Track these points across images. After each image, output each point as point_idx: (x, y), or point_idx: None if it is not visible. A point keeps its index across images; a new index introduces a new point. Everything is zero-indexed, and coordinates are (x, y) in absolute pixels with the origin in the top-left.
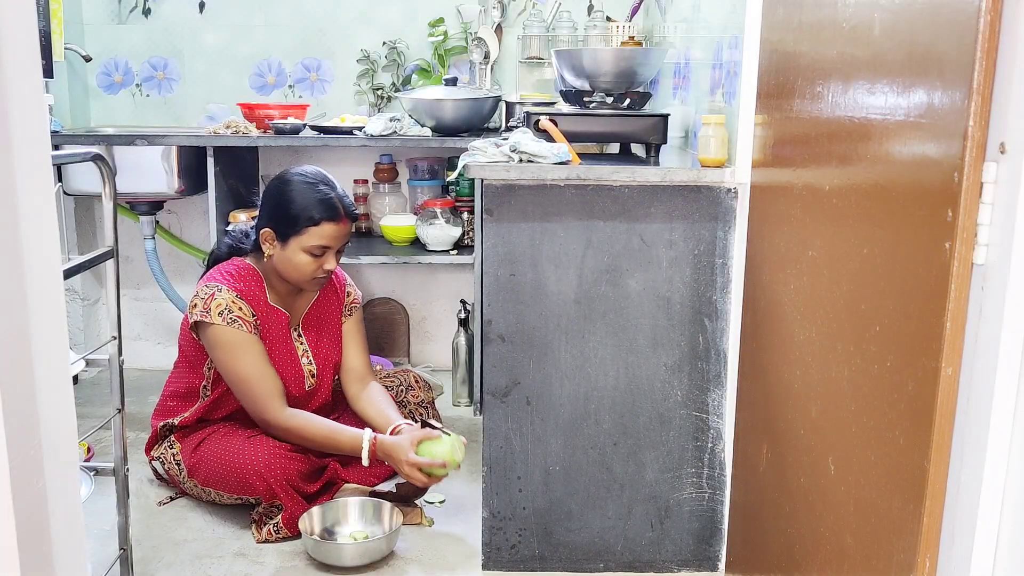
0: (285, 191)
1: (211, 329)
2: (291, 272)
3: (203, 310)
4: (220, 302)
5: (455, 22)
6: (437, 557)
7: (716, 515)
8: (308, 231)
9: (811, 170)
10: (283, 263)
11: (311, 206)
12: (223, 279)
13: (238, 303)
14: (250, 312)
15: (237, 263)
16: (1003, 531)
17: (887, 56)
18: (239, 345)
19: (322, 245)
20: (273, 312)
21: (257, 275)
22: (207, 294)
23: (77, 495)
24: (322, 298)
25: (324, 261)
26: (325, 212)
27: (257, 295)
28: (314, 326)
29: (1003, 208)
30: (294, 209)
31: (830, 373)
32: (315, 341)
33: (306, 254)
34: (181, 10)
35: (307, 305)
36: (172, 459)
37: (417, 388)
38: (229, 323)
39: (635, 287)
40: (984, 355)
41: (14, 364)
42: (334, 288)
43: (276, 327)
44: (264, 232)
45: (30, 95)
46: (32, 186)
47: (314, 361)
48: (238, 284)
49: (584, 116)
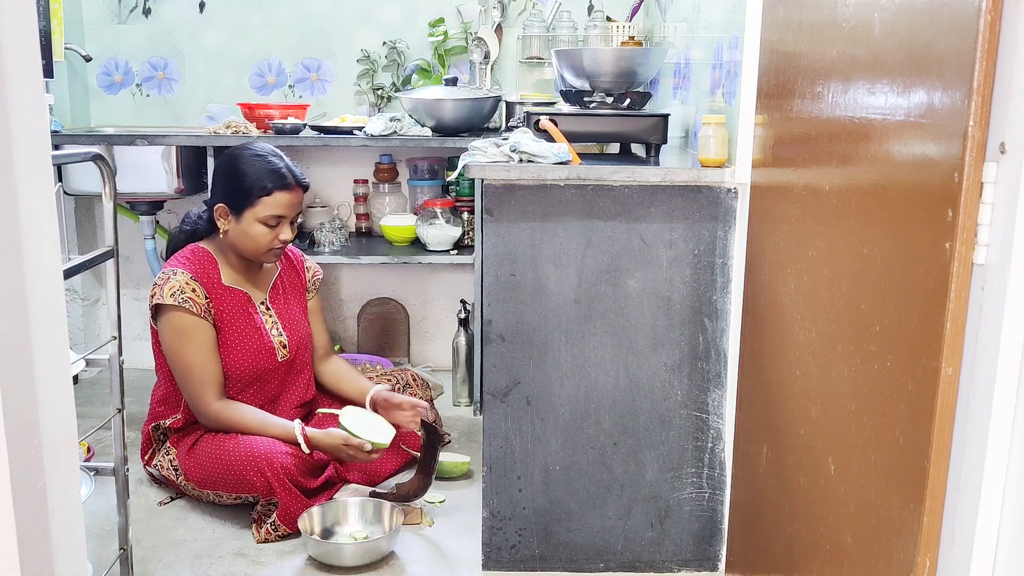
0: (236, 165)
1: (165, 314)
2: (248, 245)
3: (158, 293)
4: (174, 284)
5: (455, 22)
6: (437, 557)
7: (716, 515)
8: (261, 201)
9: (811, 170)
10: (239, 236)
11: (262, 177)
12: (178, 263)
13: (191, 284)
14: (203, 294)
15: (192, 247)
16: (1003, 531)
17: (887, 56)
18: (186, 332)
19: (276, 215)
20: (229, 292)
21: (211, 257)
22: (163, 279)
23: (77, 495)
24: (284, 274)
25: (279, 231)
26: (276, 181)
27: (211, 276)
28: (281, 297)
29: (1003, 208)
30: (246, 181)
31: (830, 373)
32: (283, 312)
33: (261, 224)
34: (181, 10)
35: (270, 279)
36: (169, 465)
37: (415, 386)
38: (180, 303)
39: (635, 287)
40: (984, 355)
41: (14, 364)
42: (293, 266)
43: (234, 306)
44: (218, 208)
45: (30, 95)
46: (32, 186)
47: (284, 332)
48: (192, 266)
49: (584, 116)
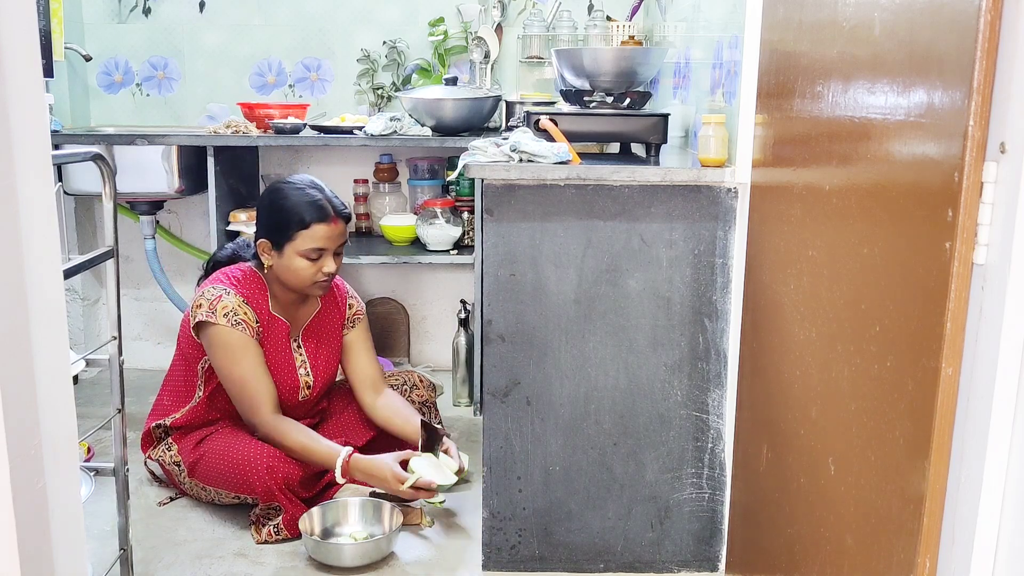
0: (275, 200)
1: (213, 329)
2: (292, 279)
3: (208, 311)
4: (227, 304)
5: (455, 22)
6: (437, 557)
7: (716, 515)
8: (300, 235)
9: (811, 170)
10: (283, 271)
11: (300, 210)
12: (230, 283)
13: (244, 308)
14: (254, 318)
15: (244, 268)
16: (1003, 531)
17: (887, 56)
18: (239, 347)
19: (316, 248)
20: (274, 321)
21: (261, 282)
22: (214, 295)
23: (77, 495)
24: (324, 310)
25: (322, 264)
26: (314, 214)
27: (260, 302)
28: (314, 337)
29: (1003, 208)
30: (284, 216)
31: (830, 373)
32: (314, 353)
33: (302, 259)
34: (181, 9)
35: (309, 316)
36: (171, 460)
37: (421, 387)
38: (233, 325)
39: (635, 287)
40: (984, 355)
41: (14, 364)
42: (335, 300)
43: (276, 336)
44: (260, 244)
45: (30, 95)
46: (32, 186)
47: (311, 372)
48: (244, 289)
49: (584, 116)
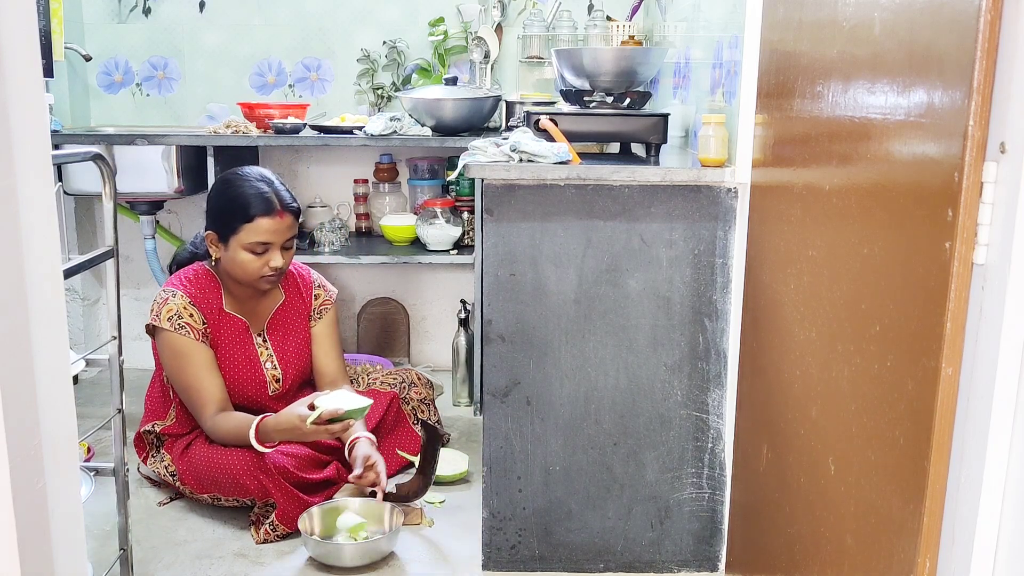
0: (222, 191)
1: (159, 334)
2: (239, 272)
3: (154, 315)
4: (171, 307)
5: (455, 21)
6: (437, 557)
7: (716, 515)
8: (244, 228)
9: (811, 170)
10: (229, 264)
11: (244, 202)
12: (179, 284)
13: (189, 309)
14: (200, 319)
15: (196, 268)
16: (1003, 531)
17: (887, 56)
18: (183, 353)
19: (261, 241)
20: (228, 319)
21: (215, 281)
22: (162, 299)
23: (77, 495)
24: (288, 301)
25: (268, 259)
26: (260, 207)
27: (211, 301)
28: (280, 329)
29: (1003, 208)
30: (229, 207)
31: (830, 373)
32: (280, 346)
33: (247, 252)
34: (181, 9)
35: (272, 308)
36: (165, 470)
37: (419, 385)
38: (176, 329)
39: (635, 287)
40: (984, 355)
41: (14, 364)
42: (299, 291)
43: (232, 333)
44: (208, 235)
45: (30, 95)
46: (32, 186)
47: (279, 366)
48: (193, 289)
49: (584, 116)
